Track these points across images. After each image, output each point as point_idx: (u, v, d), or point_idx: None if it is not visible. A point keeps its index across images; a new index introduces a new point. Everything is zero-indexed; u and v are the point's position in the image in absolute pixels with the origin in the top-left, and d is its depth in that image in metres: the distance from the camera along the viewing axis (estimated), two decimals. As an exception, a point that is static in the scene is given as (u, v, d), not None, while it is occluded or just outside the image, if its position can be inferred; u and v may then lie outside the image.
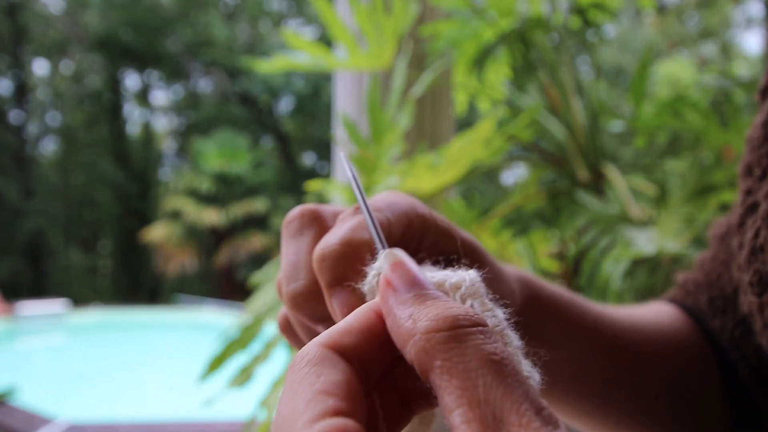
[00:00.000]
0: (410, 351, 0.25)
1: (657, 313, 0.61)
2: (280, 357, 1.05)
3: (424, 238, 0.40)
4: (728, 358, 0.57)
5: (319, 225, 0.39)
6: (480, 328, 0.25)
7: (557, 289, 0.53)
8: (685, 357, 0.57)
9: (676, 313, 0.61)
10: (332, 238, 0.35)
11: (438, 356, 0.24)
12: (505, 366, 0.23)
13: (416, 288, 0.27)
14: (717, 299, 0.60)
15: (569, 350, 0.52)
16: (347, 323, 0.27)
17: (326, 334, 0.27)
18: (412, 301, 0.26)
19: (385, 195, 0.40)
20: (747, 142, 0.54)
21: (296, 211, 0.40)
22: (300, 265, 0.37)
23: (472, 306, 0.28)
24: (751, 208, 0.50)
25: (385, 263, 0.29)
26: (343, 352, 0.26)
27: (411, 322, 0.25)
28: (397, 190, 0.43)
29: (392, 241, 0.37)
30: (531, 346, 0.49)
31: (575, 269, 1.61)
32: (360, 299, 0.33)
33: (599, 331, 0.54)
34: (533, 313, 0.49)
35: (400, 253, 0.29)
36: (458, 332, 0.24)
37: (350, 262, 0.34)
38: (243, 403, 1.40)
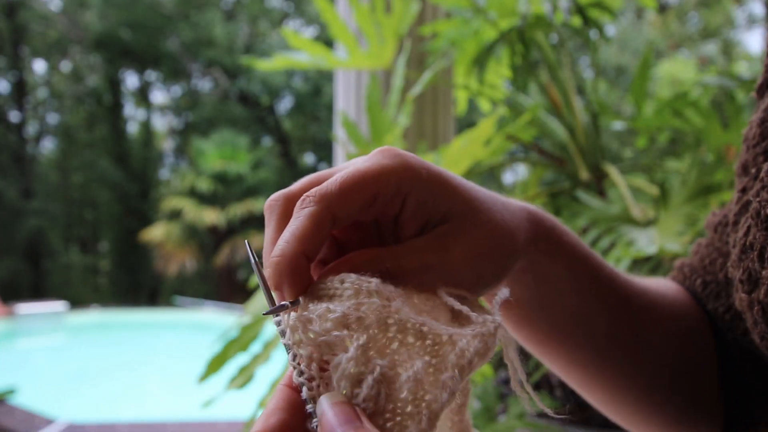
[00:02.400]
0: None
1: (663, 285, 0.62)
2: (280, 357, 1.04)
3: (408, 198, 0.41)
4: (725, 338, 0.58)
5: (282, 210, 0.42)
6: None
7: (577, 237, 0.54)
8: (685, 328, 0.58)
9: (681, 289, 0.62)
10: (275, 247, 0.39)
11: None
12: None
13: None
14: (710, 284, 0.61)
15: (577, 296, 0.53)
16: (270, 406, 0.35)
17: (257, 423, 0.34)
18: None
19: (356, 163, 0.42)
20: (743, 140, 0.54)
21: (267, 200, 0.43)
22: (267, 254, 0.41)
23: (378, 393, 0.33)
24: (745, 207, 0.51)
25: (325, 405, 0.33)
26: (272, 429, 0.34)
27: None
28: (392, 147, 0.43)
29: (345, 221, 0.40)
30: (538, 285, 0.51)
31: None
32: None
33: (610, 286, 0.54)
34: (542, 253, 0.49)
35: (336, 396, 0.34)
36: None
37: (287, 272, 0.38)
38: (243, 403, 1.40)
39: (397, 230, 0.43)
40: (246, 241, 0.43)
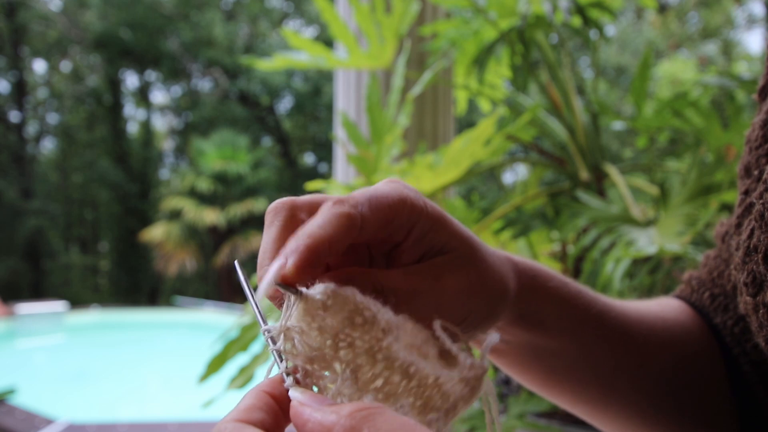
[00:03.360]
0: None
1: (663, 307, 0.62)
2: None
3: (414, 229, 0.42)
4: (732, 353, 0.57)
5: (288, 214, 0.42)
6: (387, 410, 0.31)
7: (563, 279, 0.54)
8: (690, 350, 0.58)
9: (683, 307, 0.62)
10: (304, 229, 0.39)
11: (364, 427, 0.30)
12: (415, 427, 0.30)
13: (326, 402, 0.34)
14: (718, 296, 0.60)
15: (572, 338, 0.53)
16: (249, 402, 0.34)
17: (234, 412, 0.33)
18: (329, 403, 0.33)
19: (377, 187, 0.42)
20: (746, 142, 0.54)
21: (271, 204, 0.43)
22: (267, 252, 0.40)
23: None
24: (748, 209, 0.50)
25: (296, 393, 0.34)
26: (253, 424, 0.33)
27: (334, 414, 0.31)
28: (398, 179, 0.44)
29: (366, 235, 0.40)
30: (531, 334, 0.51)
31: (576, 269, 1.61)
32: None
33: (604, 321, 0.54)
34: (533, 301, 0.50)
35: (304, 392, 0.35)
36: (375, 409, 0.31)
37: (306, 251, 0.37)
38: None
39: (391, 262, 0.44)
40: (236, 261, 0.44)
